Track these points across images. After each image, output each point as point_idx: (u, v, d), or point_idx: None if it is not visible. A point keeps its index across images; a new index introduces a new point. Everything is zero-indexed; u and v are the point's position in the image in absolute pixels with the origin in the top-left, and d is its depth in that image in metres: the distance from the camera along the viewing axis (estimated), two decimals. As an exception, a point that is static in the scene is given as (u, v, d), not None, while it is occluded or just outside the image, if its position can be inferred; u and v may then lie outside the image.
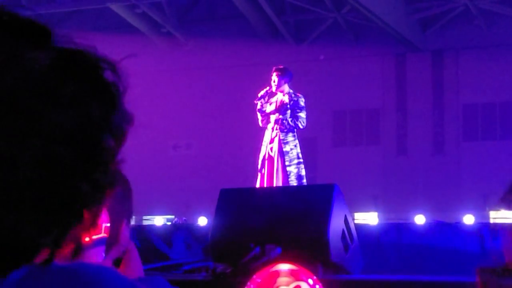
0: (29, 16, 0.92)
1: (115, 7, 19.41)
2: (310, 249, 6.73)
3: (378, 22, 18.38)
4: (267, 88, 9.23)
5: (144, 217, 20.90)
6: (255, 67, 18.21)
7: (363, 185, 19.71)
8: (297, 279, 1.48)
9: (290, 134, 9.03)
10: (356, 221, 11.47)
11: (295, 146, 9.02)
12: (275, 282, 1.39)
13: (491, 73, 19.37)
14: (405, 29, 19.29)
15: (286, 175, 8.91)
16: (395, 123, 20.36)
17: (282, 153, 8.95)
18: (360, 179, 19.73)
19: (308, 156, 21.35)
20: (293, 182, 8.92)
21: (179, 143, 22.38)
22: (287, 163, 8.93)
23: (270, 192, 7.92)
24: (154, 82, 22.07)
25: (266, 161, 9.06)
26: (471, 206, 19.01)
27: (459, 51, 19.96)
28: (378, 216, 19.36)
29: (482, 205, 19.09)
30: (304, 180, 9.01)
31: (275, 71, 9.25)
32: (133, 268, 1.81)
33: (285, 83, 9.16)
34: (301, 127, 9.06)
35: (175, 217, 21.38)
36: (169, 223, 19.64)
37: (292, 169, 8.92)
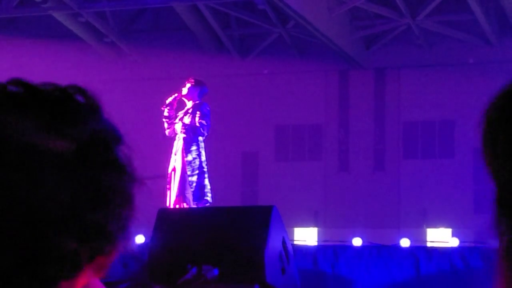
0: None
1: (58, 15, 19.14)
2: (246, 271, 6.73)
3: (322, 39, 18.53)
4: (176, 94, 9.15)
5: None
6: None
7: (304, 200, 19.81)
8: None
9: (194, 144, 8.90)
10: (295, 241, 11.52)
11: (198, 155, 8.84)
12: None
13: (431, 92, 19.69)
14: (349, 46, 19.49)
15: (185, 185, 8.77)
16: (337, 139, 20.52)
17: (184, 163, 8.83)
18: (301, 195, 19.83)
19: (250, 170, 21.51)
20: (191, 192, 8.75)
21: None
22: (189, 172, 8.79)
23: (208, 212, 7.89)
24: (97, 92, 21.83)
25: (173, 173, 8.95)
26: (409, 223, 19.28)
27: (400, 70, 20.25)
28: (318, 232, 19.49)
29: (421, 222, 19.35)
30: (207, 190, 8.79)
31: (190, 80, 9.21)
32: None
33: (195, 92, 9.11)
34: (201, 133, 8.92)
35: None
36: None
37: (194, 179, 8.77)
